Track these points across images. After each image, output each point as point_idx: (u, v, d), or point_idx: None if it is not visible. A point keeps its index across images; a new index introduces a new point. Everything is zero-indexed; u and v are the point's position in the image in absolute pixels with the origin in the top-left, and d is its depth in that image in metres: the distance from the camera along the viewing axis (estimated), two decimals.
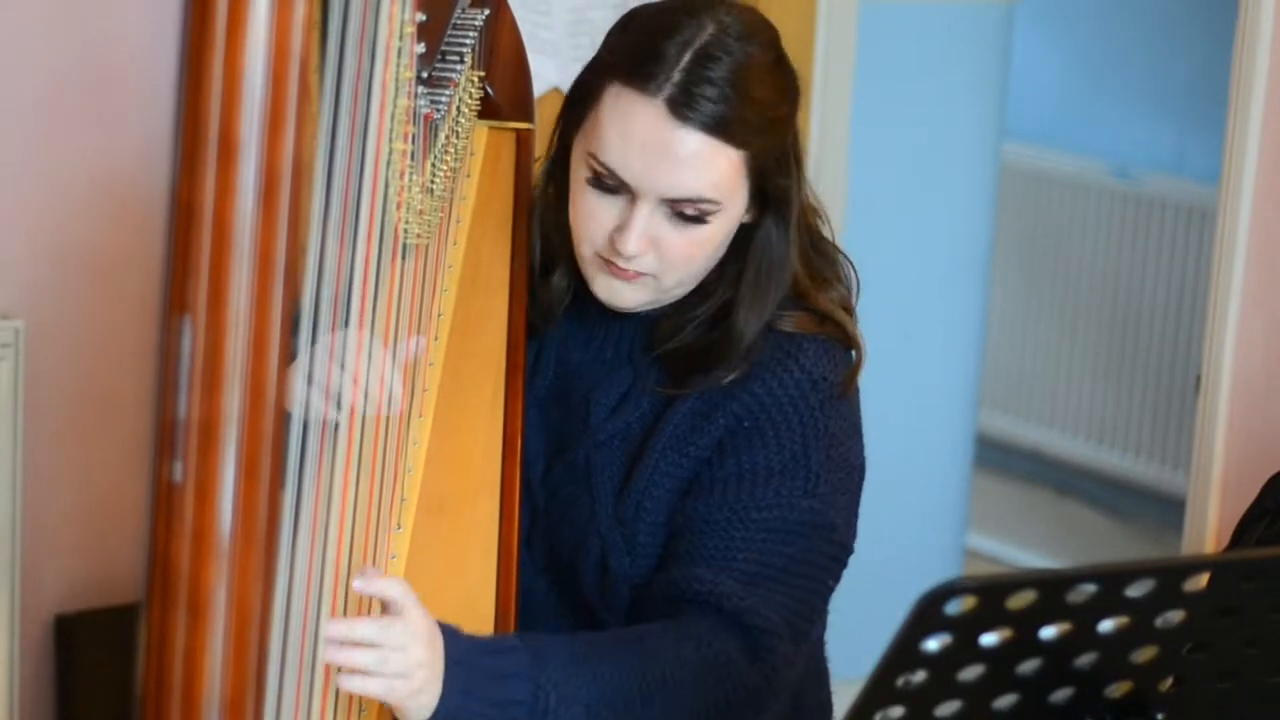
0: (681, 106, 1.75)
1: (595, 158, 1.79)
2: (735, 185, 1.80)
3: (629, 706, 1.70)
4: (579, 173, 1.82)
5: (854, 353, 1.89)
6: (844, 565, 1.87)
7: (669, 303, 1.88)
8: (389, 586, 1.60)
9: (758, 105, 1.77)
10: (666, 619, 1.78)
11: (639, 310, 1.87)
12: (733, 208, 1.81)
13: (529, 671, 1.66)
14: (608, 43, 1.85)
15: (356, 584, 1.61)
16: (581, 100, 1.83)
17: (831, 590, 1.87)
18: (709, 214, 1.79)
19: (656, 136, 1.76)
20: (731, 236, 1.84)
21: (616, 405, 1.89)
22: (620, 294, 1.84)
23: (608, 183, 1.79)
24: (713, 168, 1.77)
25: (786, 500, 1.81)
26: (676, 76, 1.75)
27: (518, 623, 1.84)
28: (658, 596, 1.81)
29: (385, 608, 1.61)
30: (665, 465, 1.85)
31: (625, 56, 1.79)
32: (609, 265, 1.82)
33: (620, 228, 1.80)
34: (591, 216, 1.82)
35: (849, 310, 1.92)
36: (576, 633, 1.81)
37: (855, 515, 1.89)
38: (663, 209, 1.79)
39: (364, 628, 1.58)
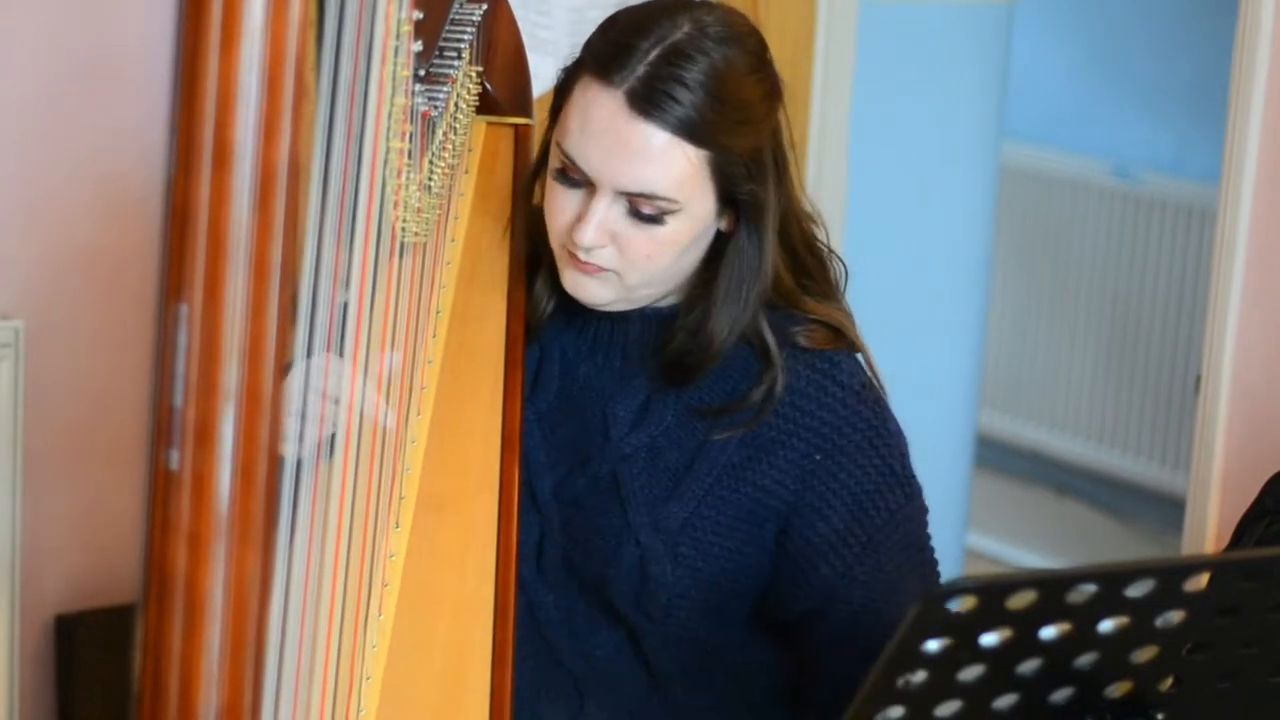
0: (642, 100, 1.75)
1: (560, 147, 1.80)
2: (696, 186, 1.78)
3: None
4: (551, 165, 1.83)
5: (861, 356, 1.91)
6: None
7: (642, 304, 1.86)
8: None
9: (725, 107, 1.76)
10: None
11: (608, 308, 1.86)
12: (695, 210, 1.79)
13: None
14: (588, 42, 1.85)
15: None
16: (559, 96, 1.84)
17: None
18: (667, 213, 1.78)
19: (613, 127, 1.76)
20: (702, 241, 1.83)
21: (637, 417, 1.88)
22: (583, 287, 1.84)
23: (572, 175, 1.80)
24: (670, 165, 1.76)
25: (900, 515, 1.87)
26: (640, 70, 1.75)
27: (525, 636, 1.84)
28: None
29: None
30: (721, 490, 1.84)
31: (599, 52, 1.79)
32: (573, 259, 1.82)
33: (578, 218, 1.80)
34: (557, 208, 1.82)
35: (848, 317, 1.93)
36: None
37: None
38: (621, 204, 1.79)
39: None
